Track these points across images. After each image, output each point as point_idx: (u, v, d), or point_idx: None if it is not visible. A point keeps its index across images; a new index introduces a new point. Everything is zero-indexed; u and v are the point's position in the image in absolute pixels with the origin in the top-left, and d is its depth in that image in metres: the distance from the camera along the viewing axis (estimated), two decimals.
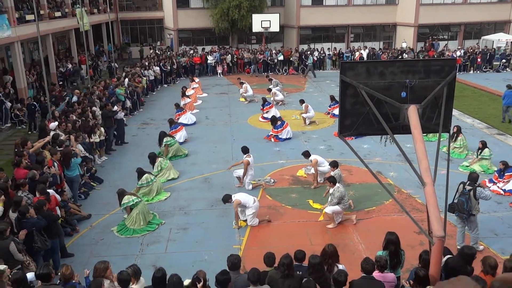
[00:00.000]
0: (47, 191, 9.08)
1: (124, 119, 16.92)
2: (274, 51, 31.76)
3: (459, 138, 14.34)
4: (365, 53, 31.53)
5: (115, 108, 16.13)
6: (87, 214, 10.80)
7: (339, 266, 6.50)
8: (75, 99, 17.69)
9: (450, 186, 6.87)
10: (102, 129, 14.54)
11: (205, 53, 31.38)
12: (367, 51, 31.96)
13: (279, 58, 31.15)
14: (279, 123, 16.49)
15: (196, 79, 25.77)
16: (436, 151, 6.70)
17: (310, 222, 10.38)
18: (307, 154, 12.37)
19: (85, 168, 12.45)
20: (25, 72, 21.24)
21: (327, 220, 10.18)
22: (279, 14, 33.47)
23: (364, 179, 12.48)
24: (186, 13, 36.03)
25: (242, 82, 23.45)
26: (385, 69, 6.54)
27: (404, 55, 30.73)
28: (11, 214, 8.20)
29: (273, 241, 9.56)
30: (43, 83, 18.93)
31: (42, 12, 23.60)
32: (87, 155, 12.92)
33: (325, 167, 12.15)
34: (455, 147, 14.30)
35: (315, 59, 30.76)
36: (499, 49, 32.34)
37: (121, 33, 39.99)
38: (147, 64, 26.44)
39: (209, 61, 30.53)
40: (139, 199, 10.44)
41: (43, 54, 21.55)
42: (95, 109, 15.82)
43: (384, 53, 31.74)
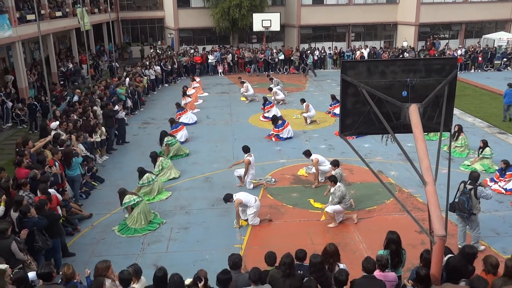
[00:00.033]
0: (48, 190, 9.10)
1: (125, 119, 16.93)
2: (275, 50, 31.76)
3: (460, 137, 14.32)
4: (366, 52, 31.52)
5: (116, 107, 16.13)
6: (88, 214, 10.80)
7: (340, 265, 6.50)
8: (76, 98, 17.71)
9: (451, 185, 6.86)
10: (103, 129, 14.55)
11: (206, 52, 31.37)
12: (368, 50, 31.95)
13: (280, 57, 31.15)
14: (280, 122, 16.49)
15: (197, 79, 25.78)
16: (437, 150, 6.69)
17: (311, 221, 10.38)
18: (308, 153, 12.37)
19: (86, 167, 12.46)
20: (26, 71, 21.26)
21: (328, 219, 10.18)
22: (279, 13, 33.46)
23: (365, 178, 12.47)
24: (186, 13, 36.03)
25: (243, 81, 23.45)
26: (386, 68, 6.52)
27: (405, 54, 30.70)
28: (13, 213, 8.21)
29: (274, 240, 9.56)
30: (44, 83, 18.94)
31: (43, 11, 23.61)
32: (88, 154, 12.93)
33: (326, 166, 12.15)
34: (456, 146, 14.28)
35: (315, 58, 30.75)
36: (500, 48, 32.30)
37: (121, 33, 40.00)
38: (148, 63, 26.45)
39: (210, 61, 30.53)
40: (140, 199, 10.45)
41: (44, 53, 21.51)
42: (96, 108, 15.82)
43: (385, 52, 31.71)
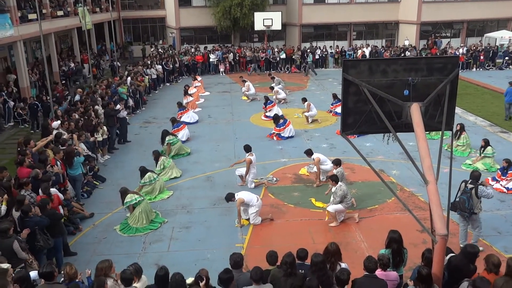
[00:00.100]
0: (50, 190, 9.11)
1: (127, 118, 16.95)
2: (276, 49, 31.75)
3: (462, 136, 14.30)
4: (367, 51, 31.50)
5: (117, 106, 16.14)
6: (89, 213, 10.81)
7: (342, 264, 6.49)
8: (78, 98, 17.73)
9: (453, 184, 6.86)
10: (104, 128, 14.57)
11: (207, 51, 31.38)
12: (369, 49, 31.92)
13: (281, 56, 31.16)
14: (282, 121, 16.49)
15: (198, 78, 25.77)
16: (439, 149, 6.68)
17: (312, 220, 10.38)
18: (309, 152, 12.37)
19: (88, 167, 12.47)
20: (28, 71, 21.28)
21: (330, 218, 10.18)
22: (281, 12, 33.41)
23: (366, 177, 12.46)
24: (188, 12, 36.03)
25: (244, 80, 23.46)
26: (387, 67, 6.51)
27: (406, 52, 30.67)
28: (14, 213, 8.24)
29: (275, 239, 9.56)
30: (46, 82, 18.95)
31: (44, 11, 23.61)
32: (89, 154, 12.94)
33: (328, 165, 12.15)
34: (458, 145, 14.26)
35: (315, 57, 30.75)
36: (502, 46, 32.22)
37: (123, 32, 40.01)
38: (149, 62, 26.47)
39: (211, 60, 30.55)
40: (142, 198, 10.45)
41: (46, 53, 21.55)
42: (97, 108, 15.84)
43: (386, 51, 31.69)
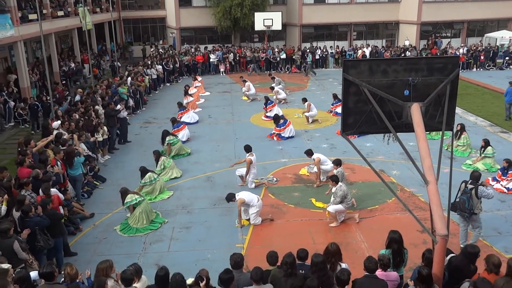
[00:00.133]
0: (50, 190, 9.10)
1: (127, 118, 16.94)
2: (276, 50, 31.75)
3: (462, 136, 14.29)
4: (367, 51, 31.49)
5: (118, 107, 16.14)
6: (89, 213, 10.81)
7: (342, 265, 6.49)
8: (78, 98, 17.73)
9: (453, 184, 6.85)
10: (105, 128, 14.58)
11: (207, 51, 31.38)
12: (369, 49, 31.91)
13: (281, 56, 31.16)
14: (282, 121, 16.49)
15: (198, 78, 25.77)
16: (439, 149, 6.67)
17: (313, 220, 10.38)
18: (309, 152, 12.36)
19: (88, 167, 12.47)
20: (28, 71, 21.29)
21: (330, 218, 10.17)
22: (281, 12, 33.41)
23: (367, 177, 12.46)
24: (188, 12, 36.03)
25: (244, 80, 23.46)
26: (387, 67, 6.51)
27: (407, 53, 30.66)
28: (15, 213, 8.24)
29: (276, 239, 9.56)
30: (46, 82, 18.96)
31: (44, 11, 23.63)
32: (90, 154, 12.94)
33: (328, 165, 12.14)
34: (459, 145, 14.25)
35: (314, 57, 30.78)
36: (503, 46, 32.19)
37: (123, 32, 40.01)
38: (149, 63, 26.47)
39: (211, 60, 30.56)
40: (142, 198, 10.45)
41: (46, 53, 21.56)
42: (98, 108, 15.84)
43: (386, 51, 31.67)
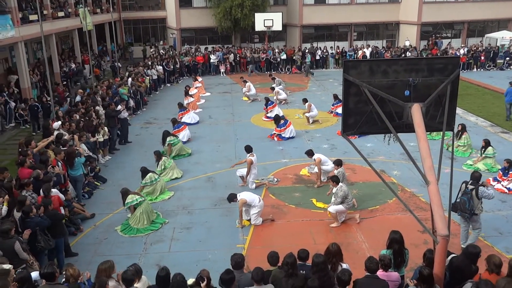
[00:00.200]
0: (50, 191, 9.10)
1: (128, 119, 16.94)
2: (277, 50, 31.77)
3: (463, 136, 14.29)
4: (368, 52, 31.49)
5: (118, 107, 16.15)
6: (90, 214, 10.82)
7: (343, 265, 6.49)
8: (79, 98, 17.74)
9: (454, 184, 6.85)
10: (105, 129, 14.59)
11: (208, 52, 31.40)
12: (370, 49, 31.91)
13: (282, 57, 31.17)
14: (282, 122, 16.49)
15: (199, 78, 25.76)
16: (439, 150, 6.68)
17: (313, 221, 10.38)
18: (310, 153, 12.36)
19: (89, 167, 12.48)
20: (29, 72, 21.30)
21: (331, 219, 10.17)
22: (281, 13, 33.40)
23: (367, 178, 12.46)
24: (188, 13, 36.04)
25: (245, 81, 23.46)
26: (388, 67, 6.51)
27: (407, 53, 30.66)
28: (16, 213, 8.24)
29: (276, 240, 9.56)
30: (47, 83, 18.97)
31: (45, 12, 23.63)
32: (90, 154, 12.96)
33: (329, 166, 12.14)
34: (459, 145, 14.25)
35: (313, 58, 30.79)
36: (503, 47, 32.17)
37: (124, 33, 40.03)
38: (150, 63, 26.48)
39: (212, 60, 30.55)
40: (143, 198, 10.46)
41: (47, 54, 21.58)
42: (98, 108, 15.85)
43: (387, 51, 31.67)
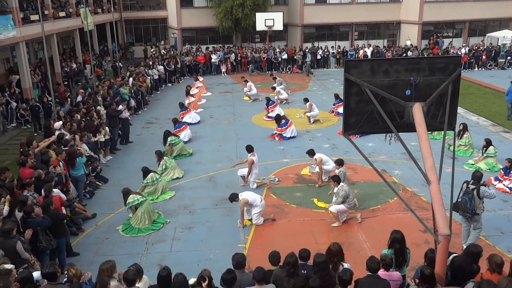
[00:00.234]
0: (51, 192, 9.11)
1: (129, 119, 16.95)
2: (278, 50, 31.76)
3: (465, 135, 14.28)
4: (369, 51, 31.47)
5: (119, 107, 16.16)
6: (91, 214, 10.83)
7: (344, 264, 6.49)
8: (80, 98, 17.75)
9: (455, 184, 6.83)
10: (107, 129, 14.60)
11: (209, 52, 31.40)
12: (371, 49, 31.89)
13: (283, 56, 31.16)
14: (283, 121, 16.49)
15: (200, 78, 25.78)
16: (441, 149, 6.67)
17: (315, 220, 10.38)
18: (311, 152, 12.36)
19: (90, 167, 12.50)
20: (30, 72, 21.31)
21: (332, 218, 10.17)
22: (282, 12, 33.39)
23: (368, 177, 12.45)
24: (189, 12, 36.04)
25: (246, 80, 23.46)
26: (389, 67, 6.50)
27: (408, 53, 30.63)
28: (17, 213, 8.25)
29: (278, 240, 9.56)
30: (48, 83, 19.00)
31: (46, 12, 23.66)
32: (92, 154, 12.97)
33: (330, 165, 12.14)
34: (460, 145, 14.23)
35: (313, 57, 30.78)
36: (504, 46, 32.11)
37: (125, 33, 40.05)
38: (151, 63, 26.50)
39: (213, 60, 30.55)
40: (144, 198, 10.47)
41: (48, 54, 21.59)
42: (99, 108, 15.86)
43: (388, 51, 31.64)
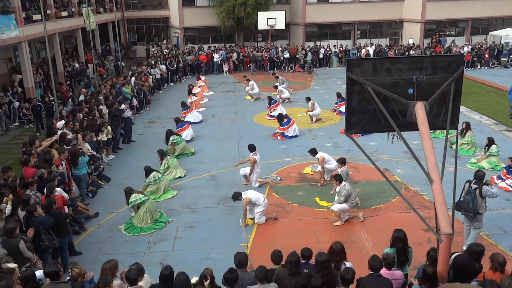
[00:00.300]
0: (53, 191, 9.13)
1: (131, 118, 16.97)
2: (280, 49, 31.74)
3: (467, 134, 14.24)
4: (371, 50, 31.41)
5: (122, 106, 16.18)
6: (94, 213, 10.85)
7: (346, 263, 6.49)
8: (82, 98, 17.78)
9: (458, 183, 6.82)
10: (109, 128, 14.62)
11: (211, 51, 31.40)
12: (373, 47, 31.83)
13: (285, 55, 31.14)
14: (286, 120, 16.48)
15: (202, 77, 25.81)
16: (443, 148, 6.66)
17: (317, 219, 10.37)
18: (313, 151, 12.35)
19: (93, 166, 12.51)
20: (33, 71, 21.36)
21: (334, 217, 10.16)
22: (284, 11, 33.36)
23: (371, 176, 12.44)
24: (191, 11, 36.06)
25: (248, 79, 23.46)
26: (391, 65, 6.50)
27: (411, 51, 30.56)
28: (20, 212, 8.27)
29: (280, 239, 9.57)
30: (51, 83, 19.03)
31: (49, 11, 23.69)
32: (94, 153, 12.99)
33: (332, 164, 12.13)
34: (463, 143, 14.19)
35: (314, 56, 30.78)
36: (507, 44, 32.00)
37: (127, 32, 40.10)
38: (153, 62, 26.52)
39: (215, 59, 30.55)
40: (146, 197, 10.48)
41: (50, 53, 21.62)
42: (102, 107, 15.88)
43: (390, 49, 31.59)
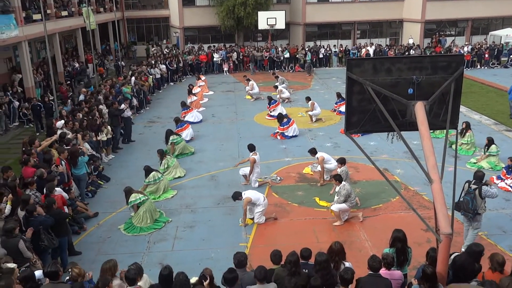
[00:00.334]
0: (53, 190, 9.13)
1: (131, 117, 16.97)
2: (280, 49, 31.74)
3: (467, 134, 14.24)
4: (371, 50, 31.41)
5: (122, 106, 16.17)
6: (93, 213, 10.85)
7: (346, 263, 6.49)
8: (82, 97, 17.77)
9: (457, 183, 6.82)
10: (109, 128, 14.62)
11: (211, 51, 31.40)
12: (373, 47, 31.83)
13: (285, 55, 31.14)
14: (285, 120, 16.48)
15: (202, 77, 25.81)
16: (443, 148, 6.65)
17: (316, 219, 10.37)
18: (313, 151, 12.35)
19: (92, 166, 12.51)
20: (33, 71, 21.36)
21: (334, 217, 10.16)
22: (284, 11, 33.34)
23: (370, 176, 12.44)
24: (191, 11, 36.06)
25: (248, 79, 23.46)
26: (391, 65, 6.50)
27: (411, 51, 30.56)
28: (20, 212, 8.27)
29: (279, 238, 9.56)
30: (51, 82, 19.03)
31: (49, 11, 23.69)
32: (94, 153, 12.99)
33: (332, 164, 12.13)
34: (463, 143, 14.19)
35: (313, 56, 30.81)
36: (507, 44, 32.01)
37: (127, 32, 40.10)
38: (153, 62, 26.51)
39: (215, 59, 30.55)
40: (146, 197, 10.48)
41: (50, 53, 21.62)
42: (102, 107, 15.88)
43: (390, 49, 31.59)
